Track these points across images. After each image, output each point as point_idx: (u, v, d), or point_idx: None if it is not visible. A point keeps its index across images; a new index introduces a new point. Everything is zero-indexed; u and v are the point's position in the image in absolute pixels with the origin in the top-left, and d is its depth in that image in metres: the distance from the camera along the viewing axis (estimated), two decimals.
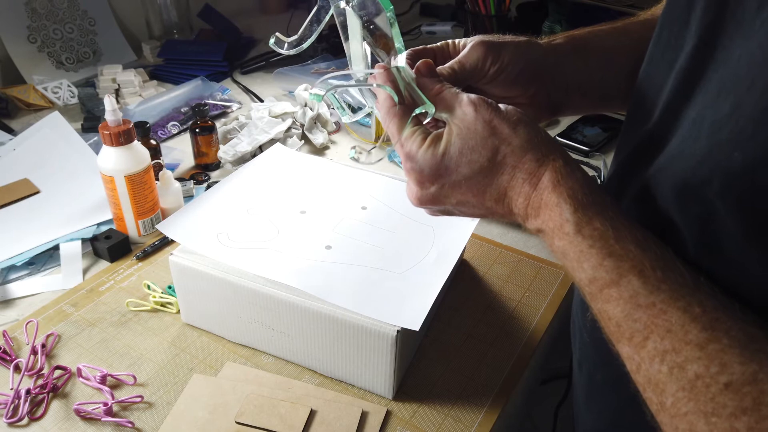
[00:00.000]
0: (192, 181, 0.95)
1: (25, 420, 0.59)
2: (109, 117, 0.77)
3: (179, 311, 0.71)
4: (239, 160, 1.00)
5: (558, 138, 1.11)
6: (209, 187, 0.85)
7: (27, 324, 0.69)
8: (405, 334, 0.57)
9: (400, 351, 0.58)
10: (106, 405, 0.59)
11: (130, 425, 0.59)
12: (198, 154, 1.01)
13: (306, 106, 1.10)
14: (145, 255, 0.81)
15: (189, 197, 0.92)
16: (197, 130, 0.98)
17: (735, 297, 0.34)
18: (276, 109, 1.09)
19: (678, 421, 0.32)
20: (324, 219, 0.70)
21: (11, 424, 0.59)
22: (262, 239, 0.66)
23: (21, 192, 0.92)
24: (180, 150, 1.07)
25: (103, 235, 0.81)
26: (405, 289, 0.60)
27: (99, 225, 0.85)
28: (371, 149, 0.69)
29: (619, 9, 1.32)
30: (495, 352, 0.68)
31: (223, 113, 1.21)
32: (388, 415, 0.61)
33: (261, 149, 1.01)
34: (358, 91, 0.54)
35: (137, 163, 0.79)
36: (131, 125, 0.78)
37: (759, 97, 0.31)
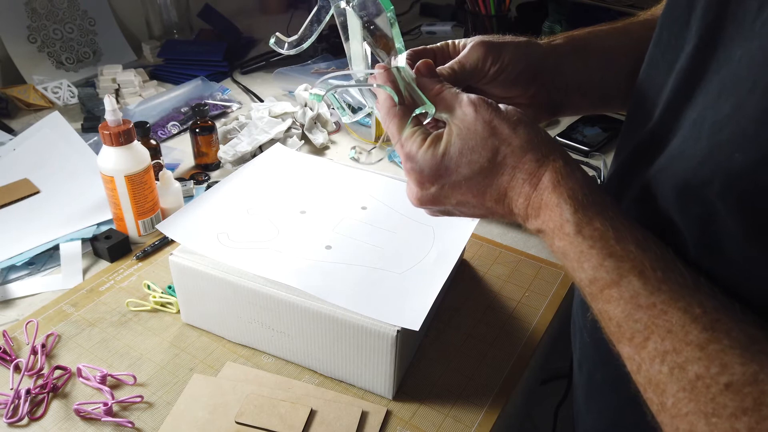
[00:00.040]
0: (192, 181, 0.95)
1: (25, 420, 0.59)
2: (109, 117, 0.77)
3: (179, 311, 0.71)
4: (239, 160, 1.00)
5: (558, 138, 1.11)
6: (209, 187, 0.85)
7: (27, 324, 0.69)
8: (405, 334, 0.57)
9: (400, 351, 0.58)
10: (106, 405, 0.59)
11: (130, 425, 0.59)
12: (198, 154, 1.01)
13: (306, 106, 1.10)
14: (145, 255, 0.81)
15: (189, 197, 0.92)
16: (197, 130, 0.98)
17: (735, 297, 0.34)
18: (276, 109, 1.09)
19: (679, 422, 0.32)
20: (324, 219, 0.70)
21: (11, 424, 0.59)
22: (262, 239, 0.66)
23: (21, 192, 0.92)
24: (180, 150, 1.07)
25: (103, 235, 0.81)
26: (405, 289, 0.60)
27: (99, 225, 0.85)
28: (371, 149, 0.69)
29: (619, 9, 1.32)
30: (495, 352, 0.68)
31: (223, 113, 1.21)
32: (388, 415, 0.61)
33: (261, 149, 1.01)
34: (358, 91, 0.54)
35: (137, 163, 0.79)
36: (131, 125, 0.78)
37: (760, 98, 0.31)
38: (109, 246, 0.79)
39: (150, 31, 1.49)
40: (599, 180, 0.99)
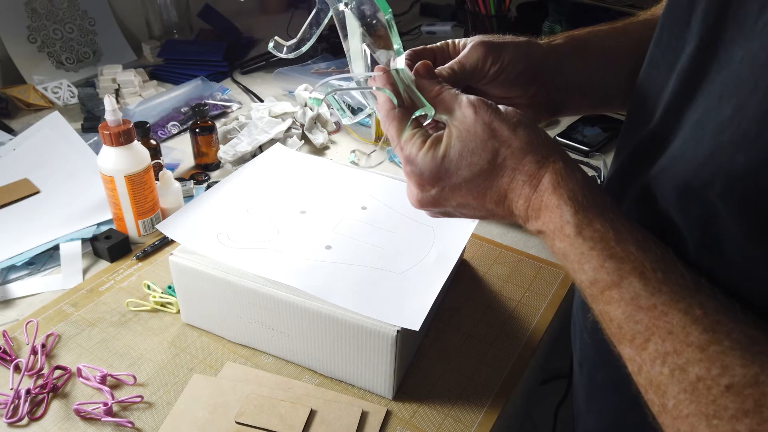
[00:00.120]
0: (192, 181, 0.95)
1: (25, 420, 0.59)
2: (109, 117, 0.77)
3: (179, 311, 0.71)
4: (239, 160, 1.00)
5: (558, 138, 1.11)
6: (209, 187, 0.85)
7: (27, 324, 0.69)
8: (405, 334, 0.57)
9: (400, 351, 0.58)
10: (106, 405, 0.59)
11: (130, 425, 0.59)
12: (198, 154, 1.01)
13: (306, 106, 1.10)
14: (145, 255, 0.81)
15: (189, 197, 0.92)
16: (197, 130, 0.98)
17: (736, 298, 0.34)
18: (276, 109, 1.09)
19: (680, 423, 0.32)
20: (324, 219, 0.70)
21: (11, 424, 0.59)
22: (262, 239, 0.66)
23: (21, 192, 0.92)
24: (180, 150, 1.07)
25: (103, 235, 0.81)
26: (405, 289, 0.60)
27: (99, 225, 0.85)
28: (371, 152, 0.69)
29: (619, 9, 1.32)
30: (495, 352, 0.68)
31: (223, 113, 1.21)
32: (388, 415, 0.61)
33: (261, 149, 1.01)
34: (358, 92, 0.54)
35: (137, 163, 0.79)
36: (131, 125, 0.78)
37: (762, 99, 0.31)
38: (109, 246, 0.79)
39: (150, 31, 1.49)
40: (599, 180, 0.99)
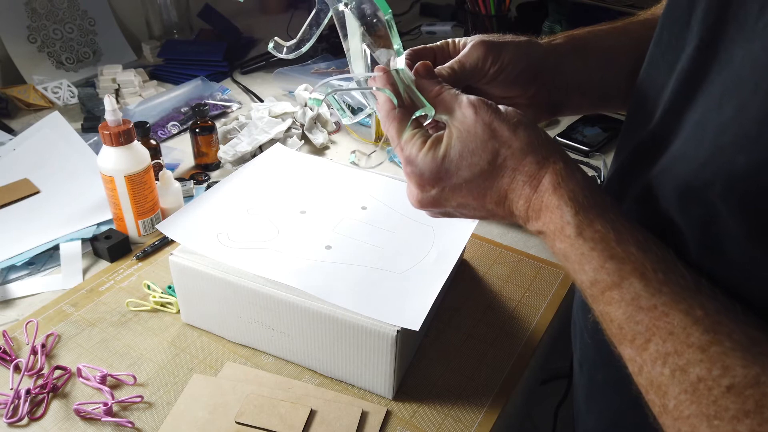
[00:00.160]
0: (192, 181, 0.95)
1: (25, 420, 0.59)
2: (109, 117, 0.77)
3: (179, 311, 0.71)
4: (239, 160, 1.00)
5: (558, 138, 1.11)
6: (209, 187, 0.85)
7: (27, 324, 0.69)
8: (405, 334, 0.57)
9: (400, 351, 0.58)
10: (106, 405, 0.59)
11: (130, 425, 0.59)
12: (198, 154, 1.01)
13: (306, 106, 1.10)
14: (145, 255, 0.81)
15: (189, 197, 0.92)
16: (197, 130, 0.98)
17: (737, 298, 0.34)
18: (276, 109, 1.09)
19: (681, 424, 0.32)
20: (324, 219, 0.70)
21: (11, 424, 0.59)
22: (262, 239, 0.66)
23: (21, 192, 0.92)
24: (180, 150, 1.07)
25: (103, 235, 0.81)
26: (405, 289, 0.60)
27: (99, 225, 0.85)
28: (371, 153, 0.69)
29: (619, 9, 1.32)
30: (495, 352, 0.68)
31: (223, 113, 1.21)
32: (388, 415, 0.61)
33: (261, 149, 1.01)
34: (358, 92, 0.54)
35: (137, 163, 0.79)
36: (131, 125, 0.78)
37: (763, 100, 0.31)
38: (109, 246, 0.79)
39: (150, 31, 1.49)
40: (599, 180, 0.99)
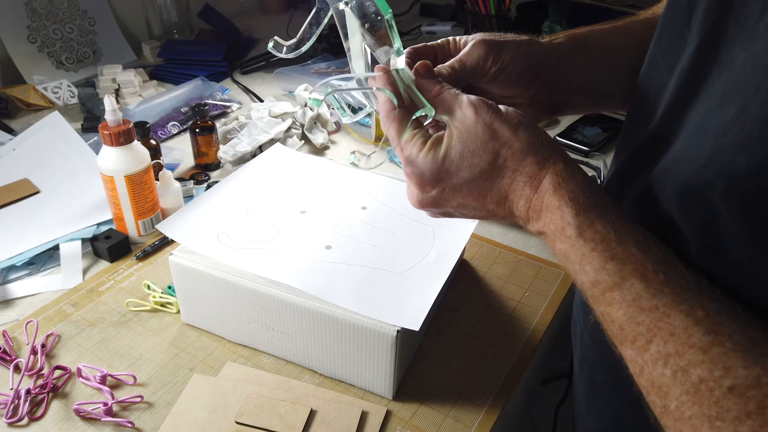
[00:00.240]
0: (192, 181, 0.95)
1: (25, 420, 0.59)
2: (109, 117, 0.77)
3: (179, 311, 0.71)
4: (239, 160, 1.00)
5: (558, 138, 1.11)
6: (209, 187, 0.85)
7: (27, 324, 0.69)
8: (405, 334, 0.57)
9: (400, 351, 0.58)
10: (106, 405, 0.59)
11: (130, 425, 0.59)
12: (198, 154, 1.01)
13: (306, 106, 1.10)
14: (145, 255, 0.81)
15: (189, 197, 0.92)
16: (197, 130, 0.98)
17: (737, 299, 0.33)
18: (276, 109, 1.09)
19: (682, 425, 0.32)
20: (324, 219, 0.70)
21: (11, 424, 0.59)
22: (262, 239, 0.66)
23: (21, 192, 0.92)
24: (180, 150, 1.07)
25: (103, 235, 0.81)
26: (405, 289, 0.60)
27: (99, 225, 0.85)
28: (371, 154, 0.69)
29: (619, 9, 1.32)
30: (495, 352, 0.68)
31: (223, 113, 1.21)
32: (388, 415, 0.60)
33: (261, 149, 1.01)
34: (359, 92, 0.54)
35: (137, 163, 0.79)
36: (131, 125, 0.78)
37: (765, 101, 0.31)
38: (109, 246, 0.79)
39: (150, 31, 1.49)
40: (599, 180, 0.99)
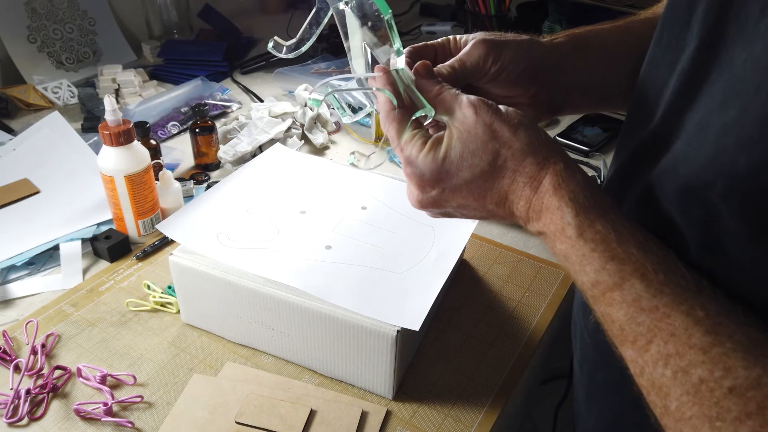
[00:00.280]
0: (192, 181, 0.95)
1: (25, 420, 0.59)
2: (109, 117, 0.77)
3: (179, 311, 0.71)
4: (239, 160, 1.00)
5: (558, 138, 1.11)
6: (209, 187, 0.85)
7: (27, 324, 0.69)
8: (405, 334, 0.57)
9: (400, 351, 0.58)
10: (106, 405, 0.59)
11: (130, 425, 0.59)
12: (198, 154, 1.01)
13: (306, 106, 1.10)
14: (145, 255, 0.81)
15: (189, 197, 0.92)
16: (197, 130, 0.98)
17: (737, 299, 0.33)
18: (276, 109, 1.09)
19: (682, 426, 0.32)
20: (324, 219, 0.70)
21: (11, 424, 0.59)
22: (262, 239, 0.66)
23: (21, 192, 0.92)
24: (180, 150, 1.07)
25: (103, 235, 0.81)
26: (405, 289, 0.60)
27: (99, 225, 0.85)
28: (371, 154, 0.69)
29: (619, 9, 1.32)
30: (495, 352, 0.68)
31: (223, 113, 1.21)
32: (388, 415, 0.60)
33: (261, 149, 1.01)
34: (359, 91, 0.54)
35: (137, 163, 0.79)
36: (131, 125, 0.78)
37: (765, 101, 0.31)
38: (109, 246, 0.79)
39: (150, 31, 1.49)
40: (599, 180, 0.99)
